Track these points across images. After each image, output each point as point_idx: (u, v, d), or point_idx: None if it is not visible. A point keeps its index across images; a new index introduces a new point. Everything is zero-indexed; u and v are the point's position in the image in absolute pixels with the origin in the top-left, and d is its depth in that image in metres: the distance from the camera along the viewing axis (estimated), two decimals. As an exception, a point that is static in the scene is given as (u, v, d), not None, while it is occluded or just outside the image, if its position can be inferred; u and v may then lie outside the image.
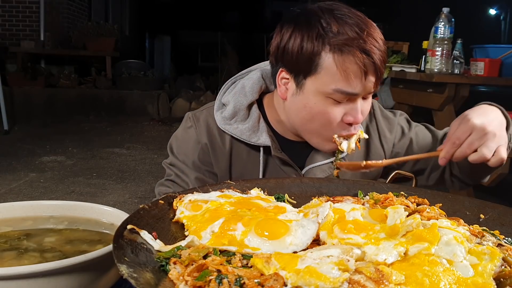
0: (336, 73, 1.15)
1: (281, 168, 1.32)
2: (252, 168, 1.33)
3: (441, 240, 0.70)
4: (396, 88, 4.06)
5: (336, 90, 1.16)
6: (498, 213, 0.95)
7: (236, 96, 1.33)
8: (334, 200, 0.96)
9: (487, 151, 1.10)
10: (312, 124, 1.23)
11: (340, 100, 1.18)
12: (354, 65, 1.14)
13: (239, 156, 1.34)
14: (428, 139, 1.42)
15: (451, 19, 3.40)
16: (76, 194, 4.12)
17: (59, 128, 6.97)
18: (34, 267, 0.69)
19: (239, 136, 1.31)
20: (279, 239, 0.75)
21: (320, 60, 1.16)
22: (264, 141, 1.30)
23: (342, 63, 1.14)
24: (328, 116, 1.20)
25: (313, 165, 1.32)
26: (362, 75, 1.15)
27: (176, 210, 0.87)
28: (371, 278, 0.61)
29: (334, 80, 1.15)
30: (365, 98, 1.23)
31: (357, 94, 1.18)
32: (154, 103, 8.14)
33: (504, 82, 3.57)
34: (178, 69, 12.21)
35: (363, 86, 1.16)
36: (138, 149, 5.98)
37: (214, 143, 1.34)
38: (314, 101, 1.19)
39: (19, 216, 0.94)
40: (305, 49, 1.16)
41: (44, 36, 8.60)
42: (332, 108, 1.19)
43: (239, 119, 1.31)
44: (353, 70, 1.14)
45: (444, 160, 1.16)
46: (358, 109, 1.19)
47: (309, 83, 1.19)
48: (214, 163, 1.34)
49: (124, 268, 0.60)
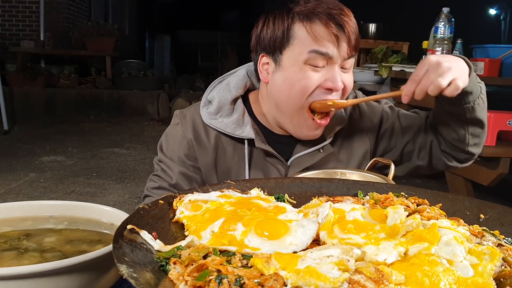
0: (307, 38, 1.23)
1: (266, 159, 1.35)
2: (238, 161, 1.36)
3: (441, 240, 0.70)
4: (396, 88, 4.06)
5: (311, 51, 1.22)
6: (498, 213, 0.95)
7: (221, 92, 1.39)
8: (334, 200, 0.96)
9: (441, 80, 1.17)
10: (291, 99, 1.27)
11: (317, 64, 1.23)
12: (323, 28, 1.22)
13: (225, 150, 1.37)
14: (411, 117, 1.48)
15: (451, 19, 3.40)
16: (76, 194, 4.12)
17: (59, 128, 6.97)
18: (34, 267, 0.68)
19: (223, 129, 1.35)
20: (279, 239, 0.75)
21: (292, 32, 1.24)
22: (248, 134, 1.34)
23: (311, 28, 1.22)
24: (307, 82, 1.24)
25: (299, 155, 1.35)
26: (333, 38, 1.22)
27: (176, 210, 0.87)
28: (371, 278, 0.61)
29: (307, 45, 1.23)
30: (344, 69, 1.27)
31: (332, 56, 1.22)
32: (154, 103, 8.14)
33: (504, 82, 3.57)
34: (178, 69, 12.21)
35: (336, 49, 1.22)
36: (138, 149, 5.98)
37: (199, 138, 1.38)
38: (293, 71, 1.25)
39: (19, 216, 0.94)
40: (278, 27, 1.26)
41: (44, 36, 8.60)
42: (311, 73, 1.24)
43: (224, 114, 1.36)
44: (324, 33, 1.22)
45: (407, 98, 1.25)
46: (336, 74, 1.24)
47: (286, 56, 1.26)
48: (199, 158, 1.38)
49: (124, 268, 0.60)
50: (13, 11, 8.73)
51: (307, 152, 1.34)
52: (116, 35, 8.92)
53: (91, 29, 8.73)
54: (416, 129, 1.44)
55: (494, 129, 2.98)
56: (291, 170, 1.33)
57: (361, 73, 4.82)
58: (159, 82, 9.04)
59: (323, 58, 1.23)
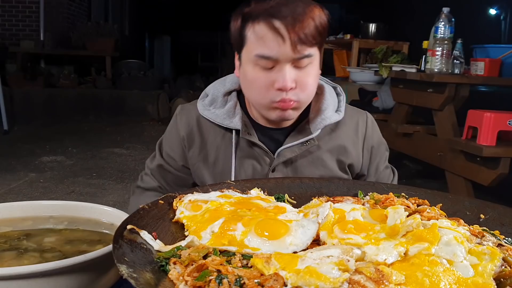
0: (254, 41, 1.23)
1: (253, 150, 1.38)
2: (225, 150, 1.40)
3: (441, 240, 0.70)
4: (396, 88, 4.06)
5: (256, 55, 1.22)
6: (498, 213, 0.95)
7: (216, 85, 1.47)
8: (334, 200, 0.96)
9: None
10: (252, 92, 1.29)
11: (265, 66, 1.23)
12: (265, 29, 1.20)
13: (214, 140, 1.42)
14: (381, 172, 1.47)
15: (451, 19, 3.40)
16: (76, 194, 4.12)
17: (59, 128, 6.97)
18: (34, 267, 0.68)
19: (214, 119, 1.40)
20: (279, 239, 0.75)
21: (244, 32, 1.26)
22: (235, 125, 1.37)
23: (256, 30, 1.22)
24: (258, 83, 1.25)
25: (285, 147, 1.36)
26: (276, 38, 1.20)
27: (176, 210, 0.87)
28: (371, 278, 0.61)
29: (254, 47, 1.23)
30: (297, 67, 1.24)
31: (277, 58, 1.21)
32: (154, 103, 8.13)
33: (504, 82, 3.56)
34: (178, 69, 12.20)
35: (280, 49, 1.20)
36: (138, 149, 5.97)
37: (191, 130, 1.43)
38: (248, 70, 1.27)
39: (19, 216, 0.94)
40: (234, 28, 1.29)
41: (44, 36, 8.58)
42: (261, 74, 1.24)
43: (218, 106, 1.42)
44: (267, 35, 1.20)
45: None
46: (285, 74, 1.22)
47: (243, 55, 1.28)
48: (188, 152, 1.43)
49: (124, 268, 0.60)
50: (13, 11, 8.72)
51: (293, 145, 1.36)
52: (116, 35, 8.92)
53: (91, 30, 8.72)
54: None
55: (494, 129, 2.98)
56: (276, 161, 1.36)
57: (361, 73, 4.82)
58: (159, 82, 9.04)
59: (270, 61, 1.22)
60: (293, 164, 1.37)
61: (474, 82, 3.53)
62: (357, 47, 5.42)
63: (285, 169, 1.36)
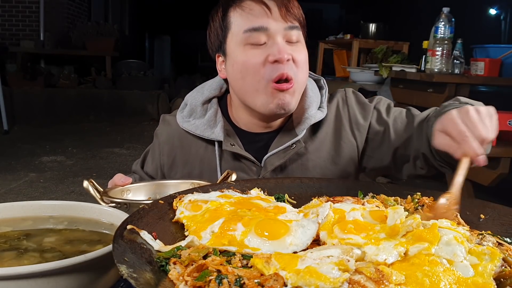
0: (241, 19, 1.24)
1: (238, 160, 1.33)
2: (209, 162, 1.35)
3: (441, 240, 0.70)
4: (396, 88, 4.06)
5: (245, 31, 1.22)
6: (498, 213, 0.95)
7: (194, 94, 1.41)
8: (334, 200, 0.96)
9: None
10: (245, 81, 1.25)
11: (257, 41, 1.22)
12: (251, 4, 1.23)
13: (197, 153, 1.37)
14: (403, 124, 1.34)
15: (451, 19, 3.40)
16: (76, 194, 4.12)
17: (59, 128, 6.97)
18: (34, 267, 0.68)
19: (194, 131, 1.35)
20: (279, 239, 0.75)
21: (227, 19, 1.27)
22: (217, 136, 1.33)
23: (241, 7, 1.24)
24: (252, 61, 1.22)
25: (271, 153, 1.31)
26: (263, 10, 1.21)
27: (176, 210, 0.87)
28: (371, 278, 0.61)
29: (242, 25, 1.23)
30: (290, 42, 1.24)
31: (267, 28, 1.21)
32: (154, 103, 8.14)
33: (504, 82, 3.57)
34: (178, 69, 12.20)
35: (269, 18, 1.21)
36: (138, 149, 5.97)
37: (172, 146, 1.40)
38: (236, 55, 1.25)
39: (19, 216, 0.94)
40: (215, 22, 1.30)
41: (43, 36, 8.58)
42: (252, 52, 1.22)
43: (197, 116, 1.37)
44: (254, 8, 1.22)
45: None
46: (279, 45, 1.21)
47: (228, 43, 1.27)
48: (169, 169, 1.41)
49: (124, 268, 0.60)
50: (13, 11, 8.72)
51: (279, 150, 1.30)
52: (116, 35, 8.92)
53: (91, 29, 8.72)
54: (408, 137, 1.30)
55: (494, 129, 2.98)
56: (263, 170, 1.31)
57: (361, 73, 4.82)
58: (159, 82, 9.04)
59: (261, 34, 1.21)
60: (284, 171, 1.32)
61: (474, 82, 3.53)
62: (357, 47, 5.43)
63: (275, 176, 1.31)
